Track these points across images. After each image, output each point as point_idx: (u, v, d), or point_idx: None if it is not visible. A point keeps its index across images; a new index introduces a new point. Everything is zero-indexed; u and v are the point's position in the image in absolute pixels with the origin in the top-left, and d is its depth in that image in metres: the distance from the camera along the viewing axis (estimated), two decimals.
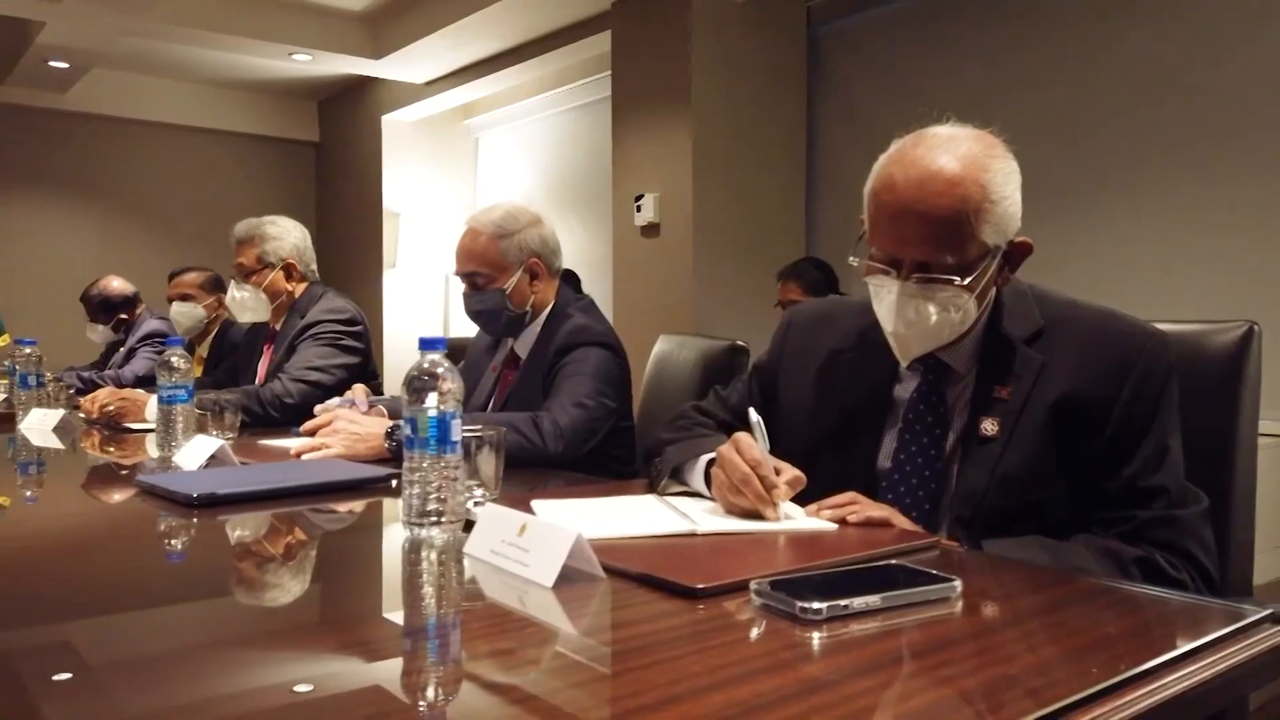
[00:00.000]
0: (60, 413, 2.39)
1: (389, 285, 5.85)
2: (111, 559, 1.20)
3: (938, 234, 1.17)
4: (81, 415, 2.50)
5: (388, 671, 0.76)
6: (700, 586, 0.89)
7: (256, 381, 2.75)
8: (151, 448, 2.20)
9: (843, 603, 0.83)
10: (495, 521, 1.03)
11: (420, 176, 6.00)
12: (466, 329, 5.93)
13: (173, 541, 1.29)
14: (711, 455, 1.26)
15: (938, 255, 1.18)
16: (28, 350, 2.58)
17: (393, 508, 1.44)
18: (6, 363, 2.56)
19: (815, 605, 0.81)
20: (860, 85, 3.98)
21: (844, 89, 4.06)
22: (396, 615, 0.94)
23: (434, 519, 1.11)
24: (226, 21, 4.75)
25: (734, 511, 1.18)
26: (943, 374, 1.30)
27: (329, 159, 6.74)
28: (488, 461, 1.26)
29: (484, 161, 6.10)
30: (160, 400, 1.89)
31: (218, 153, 6.45)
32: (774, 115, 4.06)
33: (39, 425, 2.36)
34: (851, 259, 1.29)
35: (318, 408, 1.98)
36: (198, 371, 3.77)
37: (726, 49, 3.95)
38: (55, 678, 0.71)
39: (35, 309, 5.28)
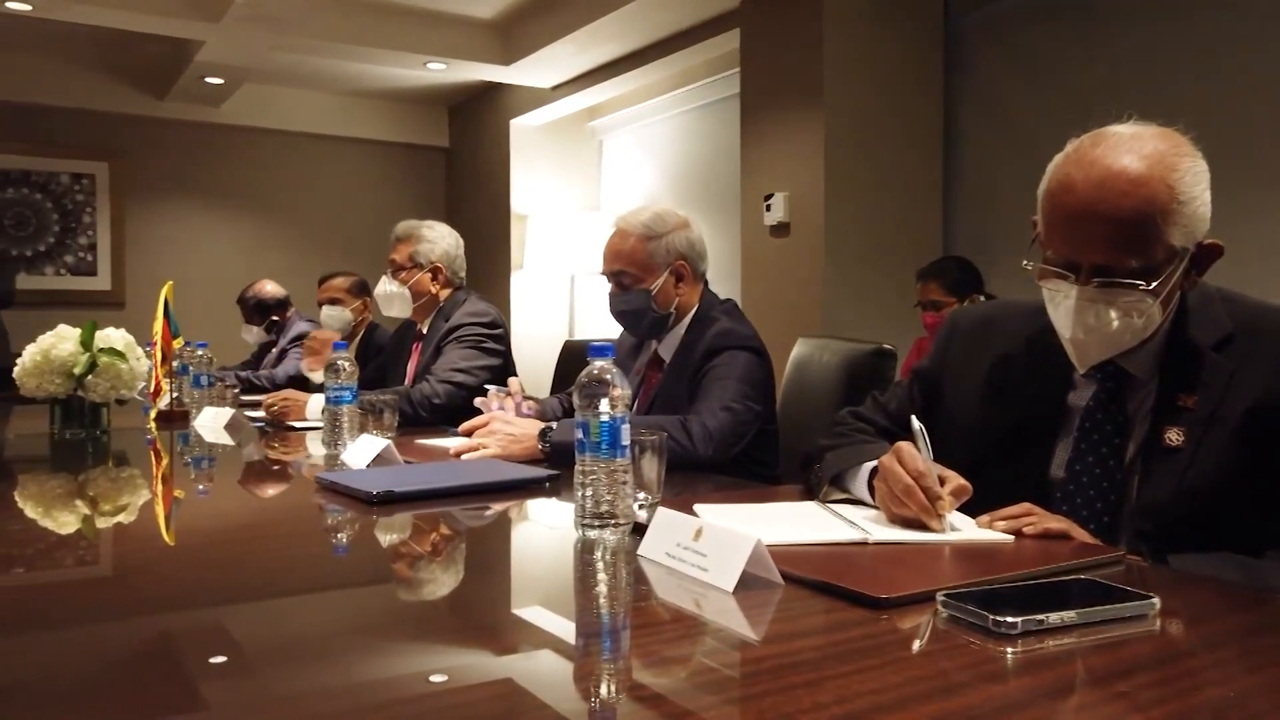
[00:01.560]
0: (230, 411, 2.56)
1: (516, 286, 6.00)
2: (279, 549, 1.27)
3: (1120, 236, 1.13)
4: (248, 414, 2.67)
5: (524, 665, 0.78)
6: (884, 596, 0.88)
7: (406, 382, 2.87)
8: (313, 445, 2.33)
9: (1038, 617, 0.81)
10: (669, 525, 1.05)
11: (546, 179, 6.13)
12: (591, 330, 6.00)
13: (340, 535, 1.37)
14: (875, 464, 1.25)
15: (1120, 259, 1.14)
16: (200, 352, 2.77)
17: (555, 508, 1.48)
18: (178, 363, 2.75)
19: (1009, 619, 0.80)
20: (1004, 78, 3.84)
21: (985, 82, 3.93)
22: (565, 614, 0.96)
23: (606, 521, 1.14)
24: (367, 34, 4.97)
25: (897, 522, 1.17)
26: (1123, 381, 1.25)
27: (458, 163, 6.96)
28: (650, 465, 1.28)
29: (608, 163, 6.18)
30: (327, 401, 1.99)
31: (355, 160, 6.75)
32: (909, 110, 3.97)
33: (211, 423, 2.52)
34: (1025, 263, 1.25)
35: (478, 401, 2.05)
36: None
37: (860, 43, 3.88)
38: (211, 660, 0.76)
39: (192, 311, 5.64)
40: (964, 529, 1.15)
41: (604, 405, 1.13)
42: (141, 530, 1.42)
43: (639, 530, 1.16)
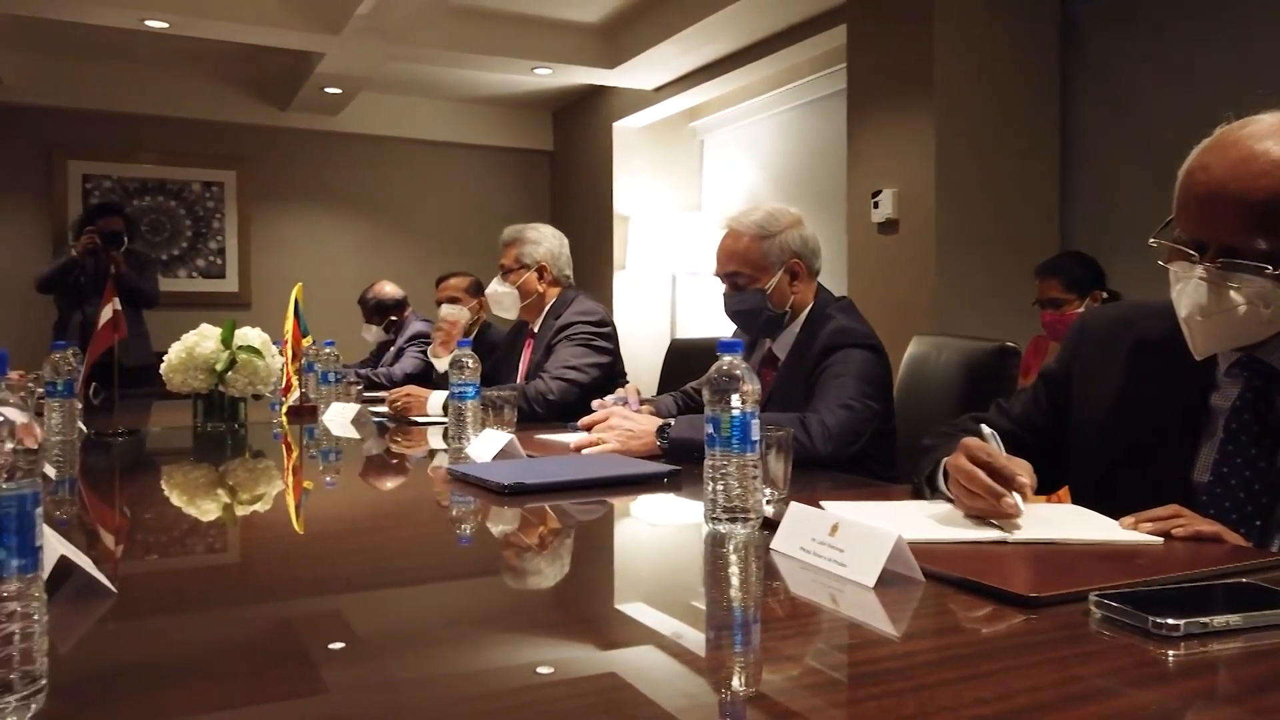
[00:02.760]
0: (356, 407, 2.67)
1: (619, 286, 6.07)
2: (400, 540, 1.32)
3: (1252, 216, 1.09)
4: (372, 409, 2.78)
5: (626, 659, 0.79)
6: (1033, 595, 0.87)
7: (518, 379, 2.94)
8: (434, 440, 2.41)
9: (1201, 620, 0.78)
10: (803, 520, 1.05)
11: (648, 180, 6.17)
12: (693, 329, 6.01)
13: (464, 526, 1.41)
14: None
15: (1250, 240, 1.10)
16: (328, 350, 2.90)
17: (677, 503, 1.50)
18: (306, 361, 2.88)
19: (1171, 621, 0.78)
20: (1123, 67, 3.69)
21: (1103, 72, 3.78)
22: (686, 609, 0.97)
23: (736, 516, 1.15)
24: (477, 42, 5.10)
25: (973, 516, 1.15)
26: (1272, 379, 1.19)
27: (562, 166, 7.08)
28: (777, 462, 1.29)
29: (709, 163, 6.19)
30: (451, 397, 2.06)
31: (464, 164, 6.94)
32: (1024, 101, 3.85)
33: (339, 418, 2.64)
34: (1151, 240, 1.21)
35: (595, 403, 2.09)
36: None
37: (972, 34, 3.79)
38: (331, 645, 0.79)
39: (311, 311, 5.87)
40: (1108, 531, 1.12)
41: (735, 400, 1.14)
42: (274, 519, 1.49)
43: (767, 526, 1.17)
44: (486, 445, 1.83)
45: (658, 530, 1.41)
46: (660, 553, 1.29)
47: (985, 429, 1.18)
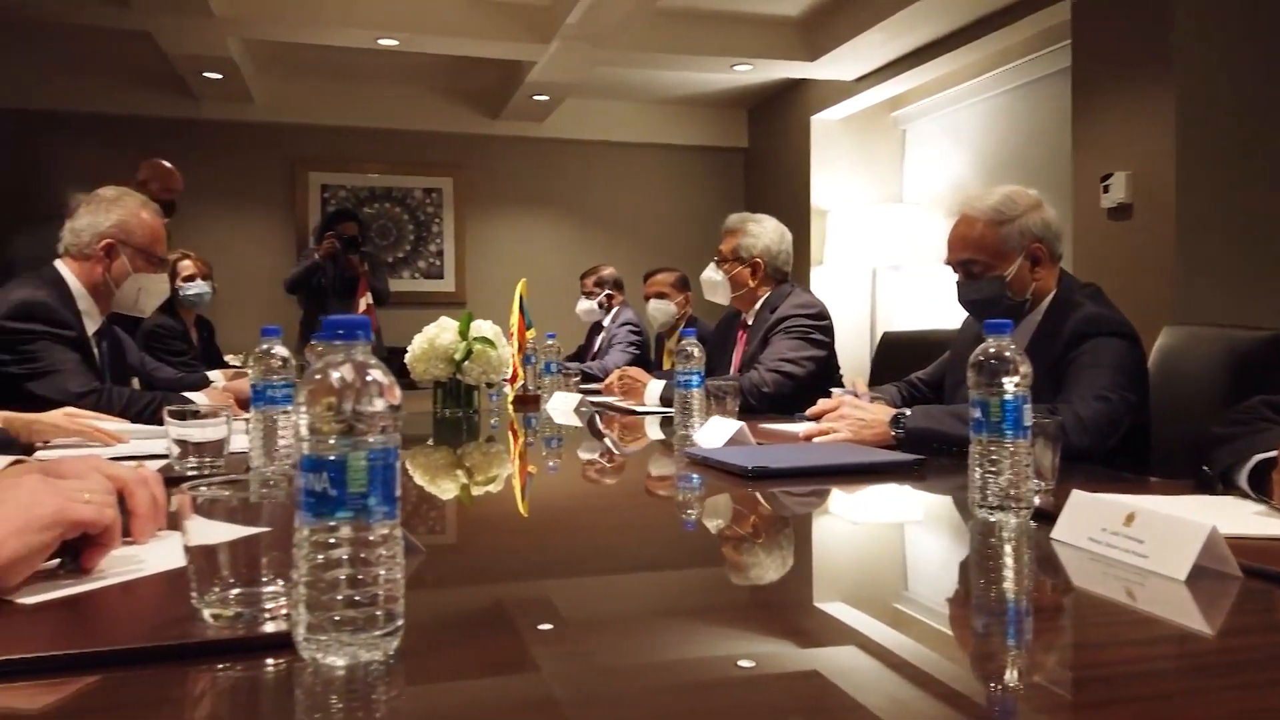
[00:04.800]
0: (578, 396, 2.77)
1: (816, 281, 5.97)
2: (618, 524, 1.32)
3: None
4: (591, 399, 2.87)
5: (829, 657, 0.75)
6: None
7: (731, 371, 2.95)
8: (651, 429, 2.46)
9: None
10: (1089, 509, 1.00)
11: (846, 173, 6.05)
12: (894, 323, 5.82)
13: (690, 511, 1.41)
14: (1267, 455, 1.12)
15: None
16: (550, 342, 3.03)
17: (920, 493, 1.46)
18: (528, 351, 3.02)
19: None
20: None
21: None
22: (934, 604, 0.94)
23: (1007, 504, 1.11)
24: (679, 42, 5.18)
25: None
26: None
27: (757, 163, 7.06)
28: (1045, 451, 1.23)
29: (911, 153, 5.99)
30: (676, 385, 2.10)
31: (661, 164, 7.06)
32: (1274, 73, 3.47)
33: (561, 406, 2.75)
34: None
35: (821, 401, 2.06)
36: (667, 364, 4.16)
37: (1216, 2, 3.46)
38: (540, 627, 0.80)
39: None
40: None
41: (1007, 384, 1.10)
42: (502, 501, 1.54)
43: (1039, 516, 1.12)
44: (716, 432, 1.84)
45: (903, 520, 1.37)
46: (913, 544, 1.26)
47: None
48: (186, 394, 2.37)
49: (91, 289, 2.31)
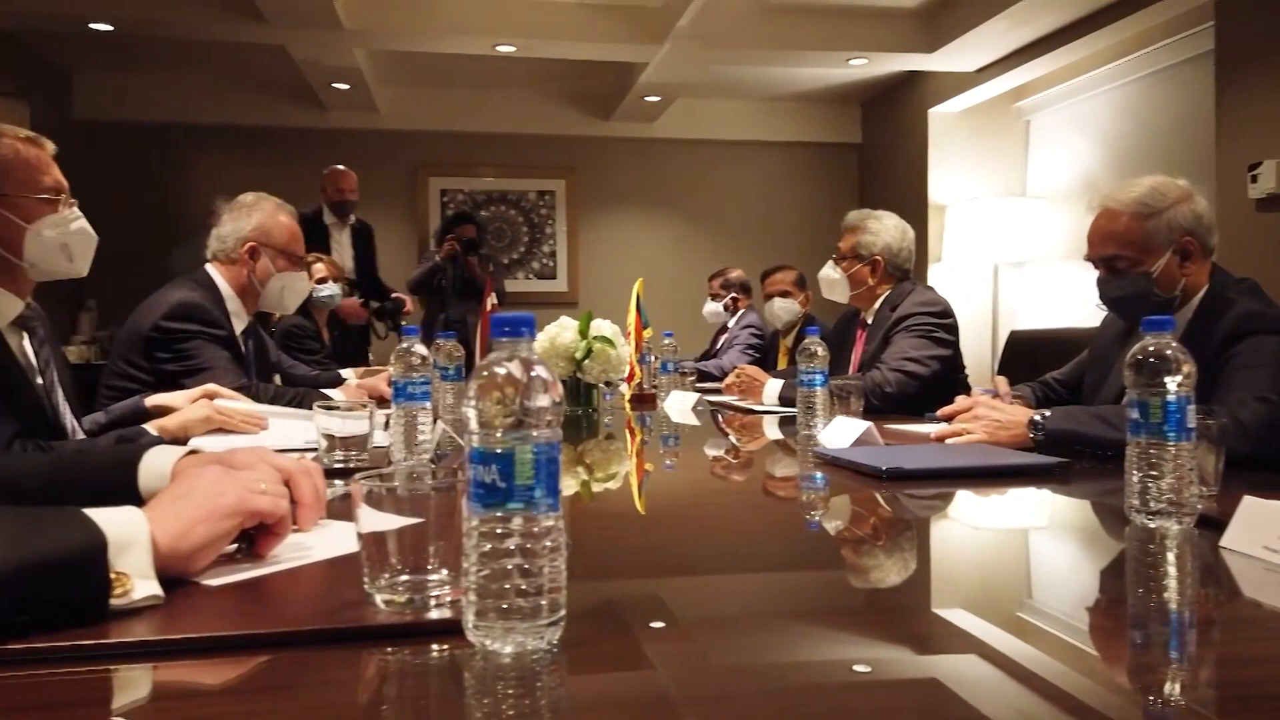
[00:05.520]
0: (695, 395, 2.77)
1: (935, 279, 5.80)
2: (734, 523, 1.30)
3: None
4: (708, 399, 2.87)
5: (949, 665, 0.72)
6: None
7: (849, 370, 2.90)
8: (769, 429, 2.43)
9: None
10: (1264, 516, 0.94)
11: (966, 167, 5.87)
12: (1017, 321, 5.61)
13: (814, 512, 1.39)
14: None
15: None
16: (667, 341, 3.04)
17: (1064, 499, 1.41)
18: (645, 350, 3.03)
19: None
20: None
21: None
22: (1067, 612, 0.89)
23: (1169, 510, 1.05)
24: (793, 38, 5.13)
25: None
26: None
27: (871, 158, 6.92)
28: (1207, 455, 1.17)
29: (1035, 145, 5.76)
30: (800, 384, 2.07)
31: (772, 162, 7.01)
32: None
33: (679, 405, 2.76)
34: None
35: (961, 400, 2.01)
36: (784, 363, 4.13)
37: None
38: (652, 624, 0.78)
39: (624, 308, 6.23)
40: None
41: (1169, 383, 1.04)
42: (620, 498, 1.54)
43: (1203, 523, 1.06)
44: (842, 432, 1.82)
45: (1045, 525, 1.32)
46: (1032, 551, 1.20)
47: None
48: (324, 390, 2.49)
49: (239, 290, 2.45)
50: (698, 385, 3.28)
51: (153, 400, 1.93)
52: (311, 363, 3.48)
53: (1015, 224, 5.36)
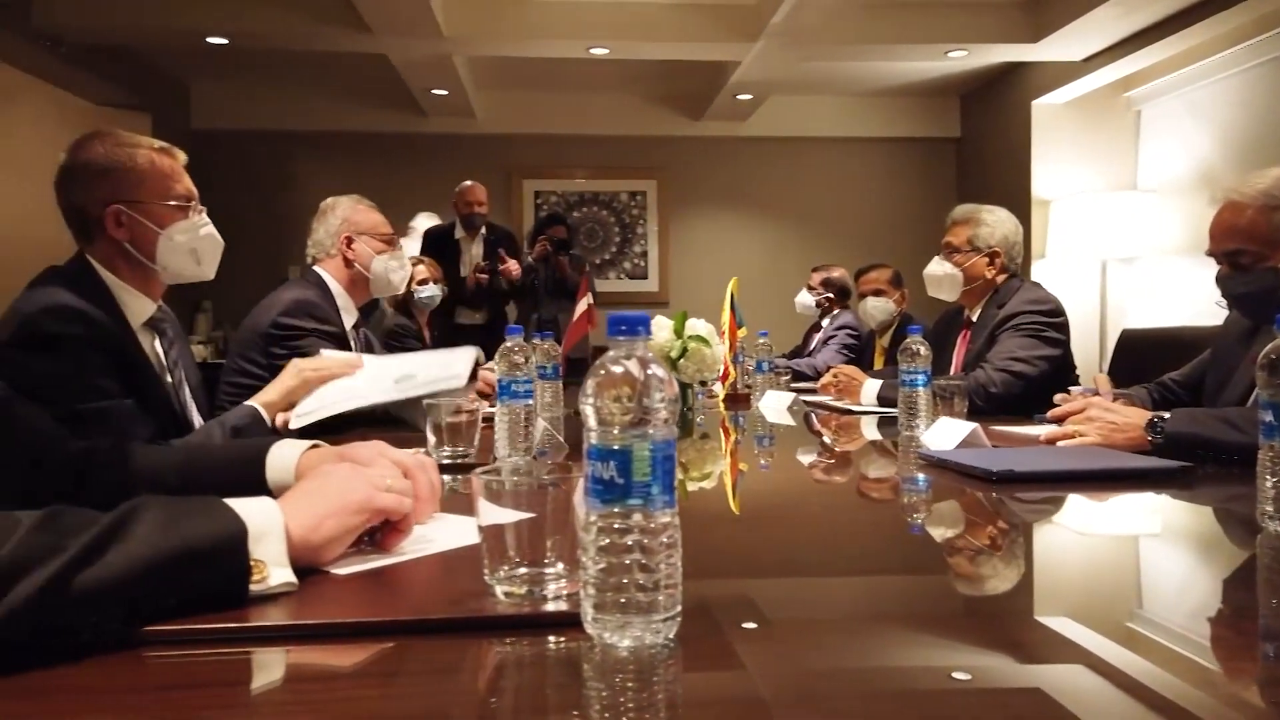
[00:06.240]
0: (791, 395, 2.75)
1: (1038, 276, 5.61)
2: (830, 525, 1.28)
3: None
4: (804, 398, 2.84)
5: (1051, 674, 0.69)
6: None
7: (951, 370, 2.84)
8: (868, 429, 2.39)
9: None
10: None
11: (1071, 160, 5.66)
12: (1129, 319, 5.39)
13: (913, 514, 1.35)
14: None
15: None
16: (762, 340, 3.02)
17: (1185, 505, 1.35)
18: (739, 350, 3.02)
19: None
20: None
21: None
22: (1183, 622, 0.85)
23: None
24: (890, 31, 5.03)
25: None
26: None
27: (970, 152, 6.74)
28: None
29: (1146, 136, 5.52)
30: (902, 384, 2.03)
31: (866, 158, 6.89)
32: None
33: (775, 405, 2.74)
34: None
35: (1058, 397, 1.95)
36: (879, 363, 4.06)
37: None
38: (744, 625, 0.77)
39: (715, 307, 6.22)
40: None
41: None
42: (714, 497, 1.52)
43: None
44: (947, 433, 1.77)
45: (1164, 531, 1.26)
46: (1148, 559, 1.15)
47: None
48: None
49: (348, 285, 2.57)
50: (793, 385, 3.25)
51: (261, 398, 2.02)
52: None
53: (1125, 218, 5.15)
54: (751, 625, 0.78)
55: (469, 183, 5.14)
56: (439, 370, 2.00)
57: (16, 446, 1.02)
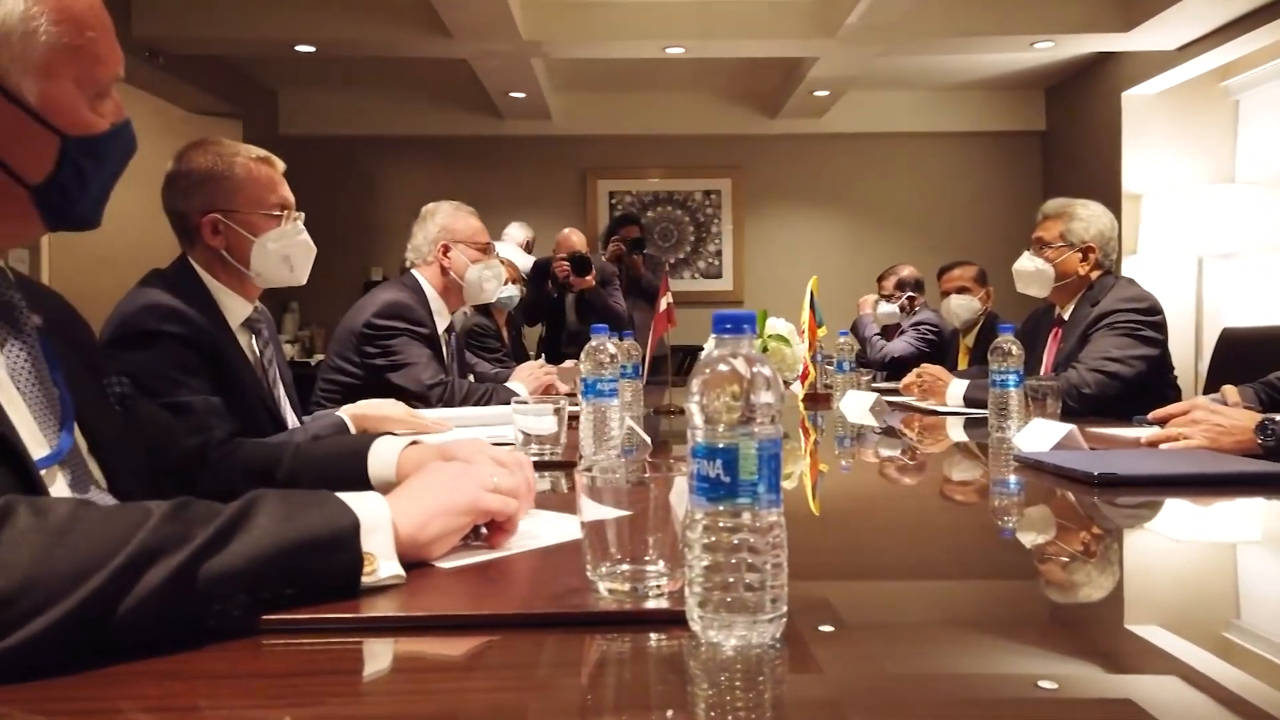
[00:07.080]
0: (873, 395, 2.71)
1: (1131, 272, 5.41)
2: (913, 530, 1.25)
3: None
4: (887, 399, 2.80)
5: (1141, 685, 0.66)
6: None
7: (1042, 370, 2.76)
8: (953, 431, 2.34)
9: None
10: None
11: (1165, 152, 5.44)
12: (1229, 318, 5.17)
13: (1003, 517, 1.31)
14: None
15: None
16: (842, 340, 2.98)
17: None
18: (819, 349, 2.99)
19: None
20: None
21: None
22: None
23: None
24: (973, 24, 4.91)
25: None
26: None
27: (1056, 146, 6.54)
28: None
29: (1246, 127, 5.28)
30: (992, 385, 1.99)
31: (946, 153, 6.75)
32: None
33: (856, 405, 2.70)
34: None
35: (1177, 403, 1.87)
36: (963, 363, 3.97)
37: None
38: (820, 628, 0.75)
39: (790, 306, 6.15)
40: None
41: None
42: (793, 498, 1.48)
43: None
44: (1041, 435, 1.73)
45: (1260, 539, 1.20)
46: (1252, 567, 1.10)
47: None
48: (509, 385, 2.61)
49: (442, 290, 2.63)
50: (874, 385, 3.20)
51: (350, 409, 2.06)
52: (492, 360, 3.64)
53: (1223, 212, 4.94)
54: (829, 628, 0.77)
55: (564, 230, 4.85)
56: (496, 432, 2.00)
57: (141, 440, 1.07)
